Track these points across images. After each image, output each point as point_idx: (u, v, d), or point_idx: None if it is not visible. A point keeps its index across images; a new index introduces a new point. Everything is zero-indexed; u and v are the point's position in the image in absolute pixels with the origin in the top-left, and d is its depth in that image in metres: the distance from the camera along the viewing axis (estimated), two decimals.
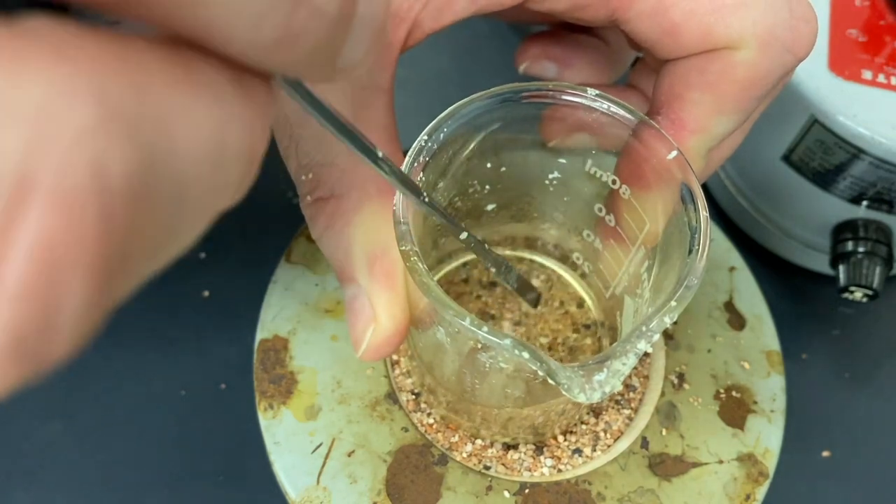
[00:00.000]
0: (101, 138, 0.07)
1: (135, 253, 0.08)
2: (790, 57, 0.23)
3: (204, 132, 0.08)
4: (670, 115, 0.24)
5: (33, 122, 0.07)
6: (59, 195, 0.07)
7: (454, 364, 0.26)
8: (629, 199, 0.24)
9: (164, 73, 0.08)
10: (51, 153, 0.07)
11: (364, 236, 0.22)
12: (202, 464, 0.33)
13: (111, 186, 0.07)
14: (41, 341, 0.08)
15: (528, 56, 0.28)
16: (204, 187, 0.09)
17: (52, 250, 0.07)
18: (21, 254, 0.07)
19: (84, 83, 0.07)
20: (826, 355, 0.37)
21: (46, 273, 0.07)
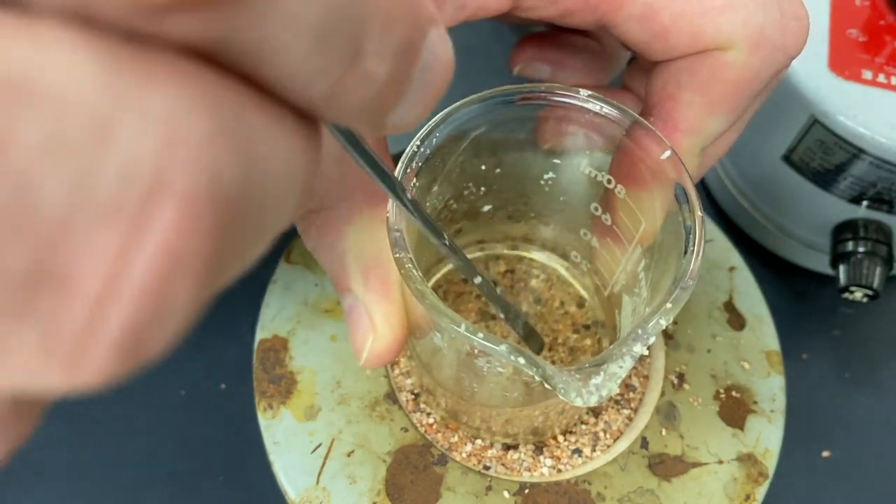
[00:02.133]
0: (217, 148, 0.08)
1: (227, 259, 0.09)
2: (782, 56, 0.23)
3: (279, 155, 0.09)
4: (662, 115, 0.24)
5: (166, 128, 0.07)
6: (185, 198, 0.08)
7: (452, 367, 0.26)
8: (625, 198, 0.24)
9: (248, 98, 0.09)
10: (179, 158, 0.07)
11: (356, 247, 0.22)
12: (202, 464, 0.33)
13: (223, 192, 0.08)
14: (149, 337, 0.08)
15: (522, 58, 0.28)
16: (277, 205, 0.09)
17: (175, 250, 0.08)
18: (149, 251, 0.08)
19: (200, 96, 0.08)
20: (826, 355, 0.37)
21: (168, 271, 0.08)
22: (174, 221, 0.08)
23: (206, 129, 0.08)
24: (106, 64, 0.07)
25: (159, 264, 0.08)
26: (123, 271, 0.07)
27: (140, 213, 0.07)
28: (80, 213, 0.07)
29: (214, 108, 0.08)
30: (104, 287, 0.07)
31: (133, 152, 0.07)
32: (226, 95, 0.08)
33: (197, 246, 0.08)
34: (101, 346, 0.08)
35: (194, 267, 0.08)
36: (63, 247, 0.07)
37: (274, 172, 0.09)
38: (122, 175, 0.07)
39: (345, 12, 0.09)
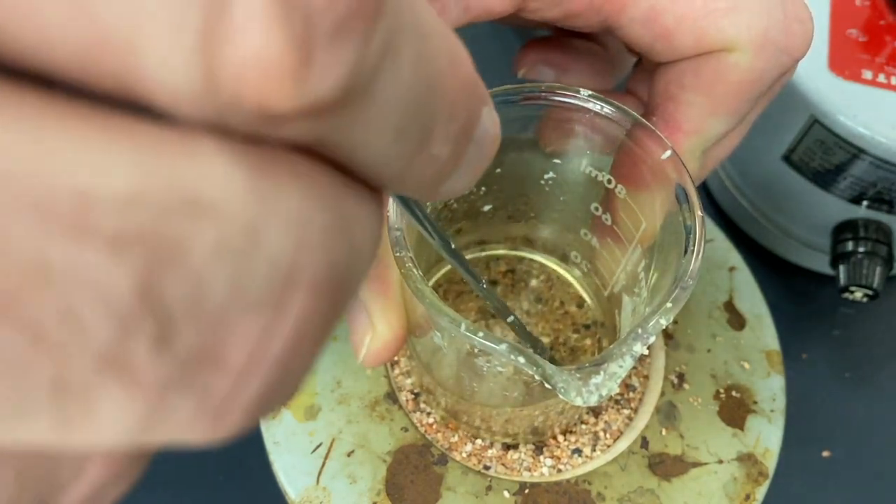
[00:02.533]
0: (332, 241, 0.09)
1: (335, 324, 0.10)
2: (786, 58, 0.23)
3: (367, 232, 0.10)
4: (665, 115, 0.24)
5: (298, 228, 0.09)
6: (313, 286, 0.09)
7: (452, 367, 0.26)
8: (625, 198, 0.24)
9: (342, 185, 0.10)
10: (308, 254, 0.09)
11: None
12: (202, 464, 0.33)
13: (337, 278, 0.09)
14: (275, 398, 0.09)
15: (526, 62, 0.28)
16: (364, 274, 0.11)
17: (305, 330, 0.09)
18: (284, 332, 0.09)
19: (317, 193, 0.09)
20: (826, 355, 0.37)
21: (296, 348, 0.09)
22: (304, 308, 0.09)
23: (324, 223, 0.09)
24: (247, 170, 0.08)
25: (291, 343, 0.09)
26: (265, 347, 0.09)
27: (280, 301, 0.09)
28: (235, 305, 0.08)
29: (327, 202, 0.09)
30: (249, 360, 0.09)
31: (276, 250, 0.08)
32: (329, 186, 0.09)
33: (319, 321, 0.09)
34: (241, 408, 0.09)
35: (316, 336, 0.09)
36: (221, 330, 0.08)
37: (364, 246, 0.10)
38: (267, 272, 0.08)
39: (422, 109, 0.10)
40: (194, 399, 0.09)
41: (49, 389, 0.08)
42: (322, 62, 0.08)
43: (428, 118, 0.10)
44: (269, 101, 0.08)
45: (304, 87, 0.08)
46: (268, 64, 0.07)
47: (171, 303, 0.08)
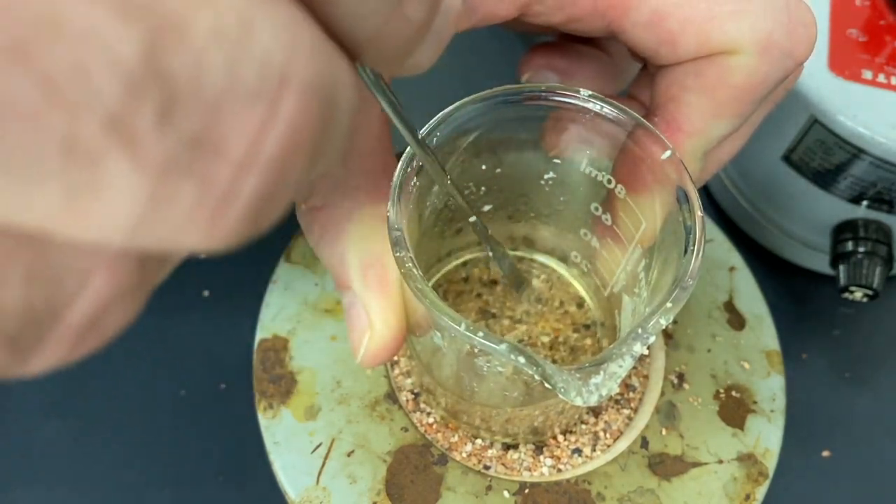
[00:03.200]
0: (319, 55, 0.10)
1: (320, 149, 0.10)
2: (789, 62, 0.23)
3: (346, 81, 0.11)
4: (666, 116, 0.24)
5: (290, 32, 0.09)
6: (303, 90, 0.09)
7: (452, 367, 0.26)
8: (625, 198, 0.24)
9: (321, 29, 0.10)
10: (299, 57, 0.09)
11: (357, 244, 0.23)
12: (202, 464, 0.33)
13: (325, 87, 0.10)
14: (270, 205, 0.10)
15: (530, 66, 0.28)
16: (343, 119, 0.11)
17: (296, 131, 0.10)
18: (278, 130, 0.09)
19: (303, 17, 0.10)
20: (826, 355, 0.37)
21: (290, 149, 0.10)
22: (297, 107, 0.09)
23: (311, 39, 0.10)
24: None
25: (285, 141, 0.09)
26: (261, 142, 0.09)
27: (273, 97, 0.09)
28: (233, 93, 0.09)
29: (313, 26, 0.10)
30: (246, 155, 0.09)
31: (268, 47, 0.09)
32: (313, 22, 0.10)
33: (309, 129, 0.10)
34: (236, 207, 0.10)
35: (306, 147, 0.10)
36: (221, 117, 0.09)
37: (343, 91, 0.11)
38: (261, 65, 0.09)
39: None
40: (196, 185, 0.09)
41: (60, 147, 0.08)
42: None
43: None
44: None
45: None
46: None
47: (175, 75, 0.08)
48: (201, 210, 0.09)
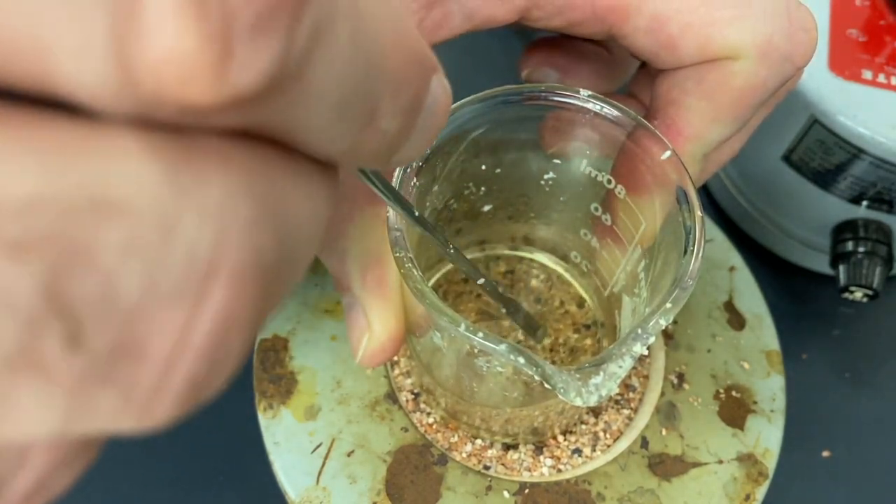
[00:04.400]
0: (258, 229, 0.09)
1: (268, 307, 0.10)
2: (789, 66, 0.23)
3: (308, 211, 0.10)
4: (666, 119, 0.24)
5: (218, 219, 0.09)
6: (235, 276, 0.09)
7: (452, 367, 0.26)
8: (625, 198, 0.24)
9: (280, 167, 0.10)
10: (229, 244, 0.09)
11: (356, 246, 0.23)
12: (202, 464, 0.33)
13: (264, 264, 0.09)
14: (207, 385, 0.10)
15: (530, 63, 0.28)
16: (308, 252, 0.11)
17: (228, 318, 0.09)
18: (207, 321, 0.09)
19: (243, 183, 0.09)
20: (826, 355, 0.37)
21: (222, 335, 0.09)
22: (225, 296, 0.09)
23: (250, 213, 0.09)
24: (165, 164, 0.08)
25: (215, 331, 0.09)
26: (187, 339, 0.09)
27: (198, 293, 0.09)
28: (152, 298, 0.09)
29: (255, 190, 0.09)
30: (172, 353, 0.09)
31: (193, 243, 0.09)
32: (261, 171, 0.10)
33: (245, 310, 0.09)
34: (169, 398, 0.09)
35: (243, 325, 0.10)
36: (138, 325, 0.09)
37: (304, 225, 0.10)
38: (184, 263, 0.09)
39: (361, 88, 0.10)
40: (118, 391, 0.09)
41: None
42: (243, 55, 0.08)
43: (372, 96, 0.10)
44: (189, 96, 0.08)
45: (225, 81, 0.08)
46: (184, 59, 0.08)
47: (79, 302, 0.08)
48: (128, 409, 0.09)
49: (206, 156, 0.09)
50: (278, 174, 0.10)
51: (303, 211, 0.10)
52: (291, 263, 0.10)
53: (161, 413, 0.09)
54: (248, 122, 0.09)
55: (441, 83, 0.12)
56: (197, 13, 0.08)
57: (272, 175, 0.10)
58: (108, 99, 0.08)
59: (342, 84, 0.10)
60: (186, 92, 0.08)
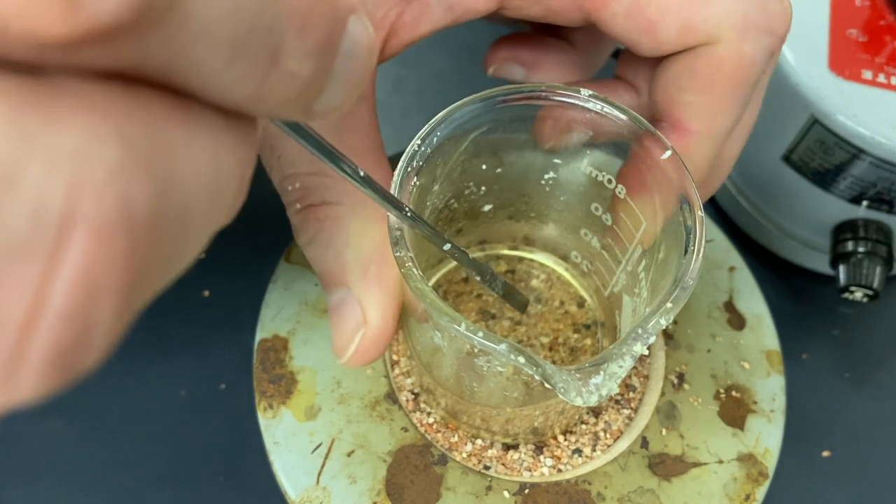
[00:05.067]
0: (125, 176, 0.08)
1: (151, 272, 0.09)
2: (769, 38, 0.23)
3: (203, 163, 0.10)
4: (672, 121, 0.24)
5: (73, 165, 0.08)
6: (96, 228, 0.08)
7: (452, 367, 0.26)
8: (626, 198, 0.24)
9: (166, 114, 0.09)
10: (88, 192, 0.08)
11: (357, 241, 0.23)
12: (202, 464, 0.33)
13: (135, 217, 0.09)
14: (77, 353, 0.09)
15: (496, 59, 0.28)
16: (204, 211, 0.10)
17: (90, 276, 0.08)
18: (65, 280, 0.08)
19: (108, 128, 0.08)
20: (826, 355, 0.37)
21: (85, 295, 0.08)
22: (85, 251, 0.08)
23: (115, 158, 0.08)
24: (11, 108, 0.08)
25: (76, 290, 0.08)
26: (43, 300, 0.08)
27: (53, 247, 0.08)
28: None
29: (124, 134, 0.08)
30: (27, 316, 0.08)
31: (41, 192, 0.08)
32: (139, 116, 0.09)
33: (112, 268, 0.08)
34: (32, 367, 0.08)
35: (113, 287, 0.09)
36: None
37: (199, 179, 0.10)
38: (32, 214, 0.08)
39: (258, 23, 0.09)
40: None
41: None
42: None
43: (271, 33, 0.09)
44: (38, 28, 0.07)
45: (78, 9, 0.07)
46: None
47: None
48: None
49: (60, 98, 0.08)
50: (161, 121, 0.09)
51: (198, 162, 0.09)
52: (182, 218, 0.09)
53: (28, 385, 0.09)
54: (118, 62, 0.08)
55: (362, 24, 0.11)
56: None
57: (152, 121, 0.09)
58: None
59: (231, 17, 0.09)
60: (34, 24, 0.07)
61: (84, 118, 0.08)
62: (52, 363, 0.09)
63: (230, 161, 0.10)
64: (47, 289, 0.08)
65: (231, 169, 0.10)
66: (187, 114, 0.09)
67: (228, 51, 0.09)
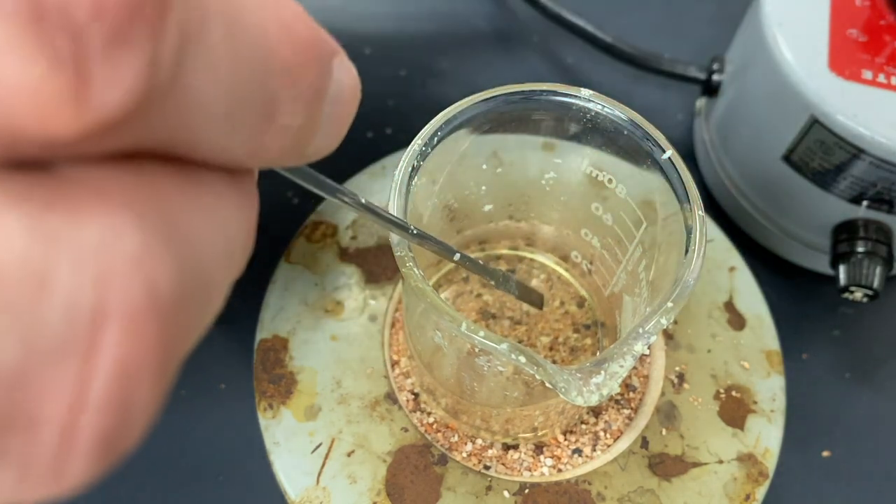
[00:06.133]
0: (148, 262, 0.08)
1: (180, 343, 0.09)
2: None
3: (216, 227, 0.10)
4: None
5: (97, 260, 0.08)
6: (127, 319, 0.08)
7: (453, 366, 0.26)
8: (626, 198, 0.24)
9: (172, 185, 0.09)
10: (114, 284, 0.08)
11: None
12: (202, 464, 0.33)
13: (162, 299, 0.09)
14: (121, 437, 0.09)
15: None
16: (223, 271, 0.10)
17: (127, 367, 0.08)
18: (103, 374, 0.08)
19: (124, 216, 0.08)
20: (826, 355, 0.37)
21: (124, 385, 0.08)
22: (119, 342, 0.08)
23: (136, 246, 0.08)
24: (28, 211, 0.08)
25: (114, 382, 0.08)
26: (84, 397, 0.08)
27: (88, 345, 0.08)
28: (34, 360, 0.08)
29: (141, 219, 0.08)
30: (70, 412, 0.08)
31: (71, 291, 0.08)
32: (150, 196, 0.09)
33: (147, 353, 0.09)
34: (79, 458, 0.08)
35: (149, 369, 0.09)
36: (23, 393, 0.08)
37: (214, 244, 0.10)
38: (65, 315, 0.08)
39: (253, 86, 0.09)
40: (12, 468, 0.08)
41: None
42: (102, 75, 0.07)
43: (265, 94, 0.09)
44: (50, 129, 0.07)
45: (87, 106, 0.07)
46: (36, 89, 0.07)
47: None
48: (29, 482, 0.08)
49: (75, 192, 0.08)
50: (173, 194, 0.09)
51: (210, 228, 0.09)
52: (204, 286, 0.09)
53: (76, 475, 0.09)
54: (125, 144, 0.08)
55: (344, 66, 0.11)
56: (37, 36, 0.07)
57: (162, 197, 0.09)
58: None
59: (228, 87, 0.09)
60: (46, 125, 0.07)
61: (101, 209, 0.08)
62: (98, 451, 0.09)
63: (238, 217, 0.10)
64: (87, 384, 0.08)
65: (240, 224, 0.10)
66: (191, 180, 0.09)
67: (227, 118, 0.09)
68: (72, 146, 0.08)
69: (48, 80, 0.07)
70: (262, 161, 0.10)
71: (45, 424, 0.08)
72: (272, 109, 0.10)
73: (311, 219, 0.33)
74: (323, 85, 0.11)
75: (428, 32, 0.45)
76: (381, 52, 0.44)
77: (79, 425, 0.08)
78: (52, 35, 0.07)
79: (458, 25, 0.45)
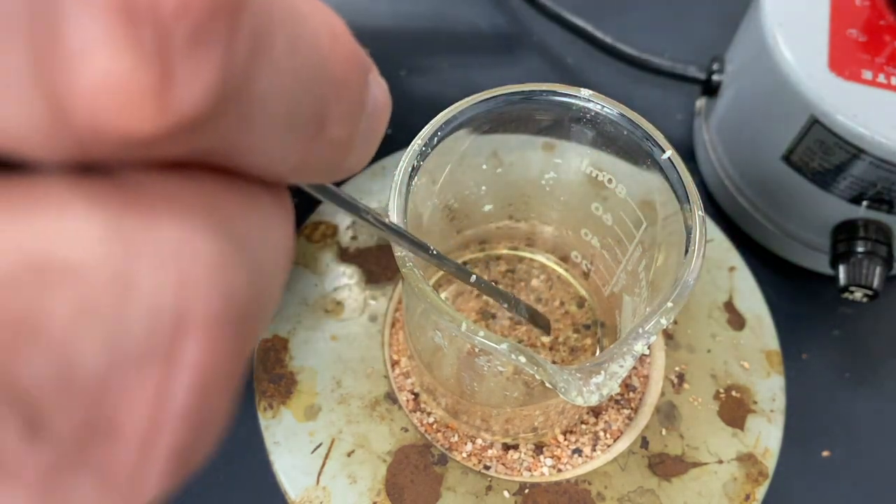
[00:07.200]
0: (226, 269, 0.08)
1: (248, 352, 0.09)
2: None
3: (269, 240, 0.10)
4: None
5: (176, 265, 0.08)
6: (207, 327, 0.08)
7: (453, 366, 0.26)
8: (626, 198, 0.24)
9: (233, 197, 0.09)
10: (194, 291, 0.08)
11: None
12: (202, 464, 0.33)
13: (238, 308, 0.08)
14: (196, 450, 0.09)
15: None
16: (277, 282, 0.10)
17: (206, 376, 0.08)
18: (184, 383, 0.08)
19: (199, 221, 0.08)
20: (826, 355, 0.37)
21: (203, 395, 0.08)
22: (200, 350, 0.08)
23: (212, 251, 0.08)
24: (109, 214, 0.07)
25: (195, 390, 0.08)
26: (164, 406, 0.08)
27: (170, 351, 0.08)
28: (118, 366, 0.08)
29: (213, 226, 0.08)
30: (150, 424, 0.08)
31: (153, 297, 0.08)
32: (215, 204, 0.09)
33: (225, 363, 0.08)
34: (156, 472, 0.08)
35: (226, 378, 0.09)
36: (107, 400, 0.08)
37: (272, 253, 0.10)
38: (148, 321, 0.08)
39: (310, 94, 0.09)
40: (94, 477, 0.08)
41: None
42: (184, 73, 0.07)
43: (319, 103, 0.09)
44: (131, 126, 0.07)
45: (169, 104, 0.07)
46: (122, 86, 0.07)
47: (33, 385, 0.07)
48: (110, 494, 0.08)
49: (151, 196, 0.08)
50: (232, 204, 0.09)
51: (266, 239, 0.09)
52: (265, 299, 0.09)
53: (150, 489, 0.08)
54: (192, 151, 0.08)
55: (378, 82, 0.11)
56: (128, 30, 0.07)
57: (226, 206, 0.09)
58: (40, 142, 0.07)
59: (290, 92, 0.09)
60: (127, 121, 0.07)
61: (175, 215, 0.08)
62: (175, 464, 0.08)
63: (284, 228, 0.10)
64: (167, 393, 0.08)
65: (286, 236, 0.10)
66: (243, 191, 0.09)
67: (285, 125, 0.09)
68: (146, 146, 0.07)
69: (135, 75, 0.07)
70: (303, 175, 0.10)
71: (125, 435, 0.08)
72: (324, 118, 0.10)
73: (311, 219, 0.33)
74: (364, 98, 0.11)
75: (428, 32, 0.45)
76: (380, 52, 0.44)
77: (158, 435, 0.08)
78: (142, 30, 0.07)
79: (458, 25, 0.45)
